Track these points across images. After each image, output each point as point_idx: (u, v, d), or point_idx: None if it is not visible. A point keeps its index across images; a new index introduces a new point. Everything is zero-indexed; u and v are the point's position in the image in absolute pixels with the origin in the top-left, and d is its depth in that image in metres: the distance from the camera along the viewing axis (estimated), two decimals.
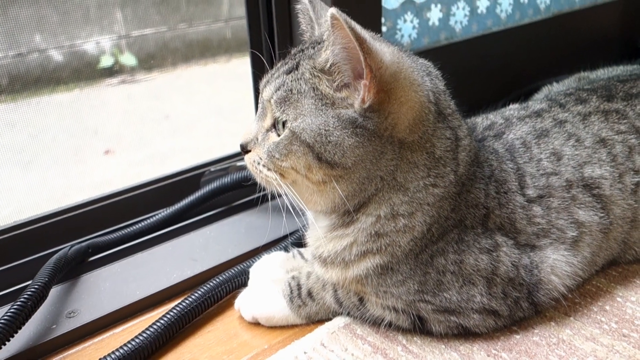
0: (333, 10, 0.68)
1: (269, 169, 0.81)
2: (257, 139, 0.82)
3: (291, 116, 0.76)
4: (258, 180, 0.84)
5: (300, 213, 0.86)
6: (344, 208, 0.81)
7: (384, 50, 0.73)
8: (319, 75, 0.76)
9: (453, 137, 0.82)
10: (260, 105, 0.83)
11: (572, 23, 1.80)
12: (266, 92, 0.80)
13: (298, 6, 0.88)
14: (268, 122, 0.81)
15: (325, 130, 0.75)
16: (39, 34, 1.24)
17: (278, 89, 0.78)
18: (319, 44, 0.79)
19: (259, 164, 0.82)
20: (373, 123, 0.75)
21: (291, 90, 0.77)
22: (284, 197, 0.83)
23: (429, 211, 0.80)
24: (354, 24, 0.69)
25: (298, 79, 0.77)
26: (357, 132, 0.75)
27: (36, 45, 1.25)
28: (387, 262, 0.82)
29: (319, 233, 0.86)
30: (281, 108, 0.77)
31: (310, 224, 0.91)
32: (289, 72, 0.79)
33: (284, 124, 0.78)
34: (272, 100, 0.78)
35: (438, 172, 0.80)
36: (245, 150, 0.84)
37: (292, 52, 0.84)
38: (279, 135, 0.79)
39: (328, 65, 0.74)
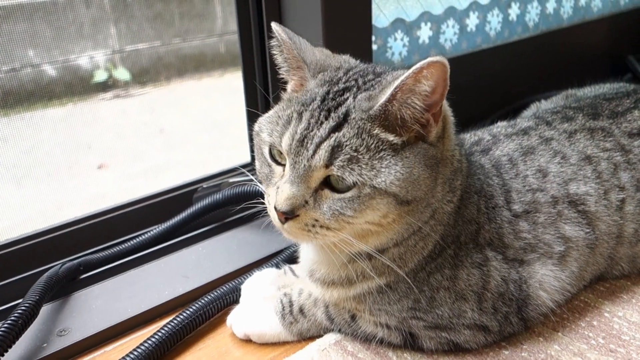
0: (441, 57, 0.67)
1: (328, 228, 0.74)
2: (307, 202, 0.73)
3: (368, 175, 0.71)
4: (303, 241, 0.80)
5: None
6: (406, 236, 0.80)
7: None
8: (380, 124, 0.72)
9: (460, 143, 0.86)
10: (295, 168, 0.73)
11: (560, 40, 1.83)
12: (316, 157, 0.72)
13: (273, 42, 0.82)
14: (315, 182, 0.73)
15: (407, 172, 0.72)
16: (33, 48, 1.25)
17: (336, 150, 0.71)
18: (372, 87, 0.76)
19: (314, 226, 0.74)
20: (439, 150, 0.77)
21: (357, 149, 0.71)
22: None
23: (440, 230, 0.82)
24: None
25: (359, 135, 0.72)
26: (427, 163, 0.75)
27: (30, 60, 1.25)
28: (390, 281, 0.83)
29: (332, 263, 0.84)
30: (352, 169, 0.71)
31: (316, 256, 0.89)
32: (336, 129, 0.72)
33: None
34: (335, 166, 0.71)
35: (453, 186, 0.82)
36: (290, 217, 0.74)
37: (319, 96, 0.76)
38: (339, 191, 0.73)
39: (395, 114, 0.72)
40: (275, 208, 0.74)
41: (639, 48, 2.05)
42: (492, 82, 1.66)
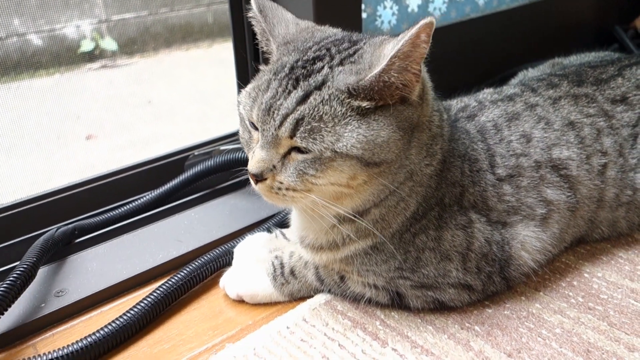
0: (432, 18, 0.67)
1: (294, 190, 0.76)
2: (274, 167, 0.76)
3: (330, 140, 0.72)
4: (277, 204, 0.81)
5: None
6: (382, 197, 0.81)
7: None
8: (360, 93, 0.73)
9: (440, 109, 0.86)
10: (264, 135, 0.76)
11: (549, 10, 1.84)
12: (282, 131, 0.74)
13: (250, 14, 0.84)
14: (284, 149, 0.75)
15: (372, 135, 0.73)
16: (18, 17, 1.24)
17: (299, 123, 0.73)
18: (350, 55, 0.76)
19: (280, 189, 0.77)
20: (417, 113, 0.78)
21: (321, 117, 0.72)
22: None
23: (420, 191, 0.83)
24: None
25: (327, 101, 0.73)
26: (400, 126, 0.75)
27: (15, 29, 1.24)
28: (375, 242, 0.85)
29: (319, 228, 0.86)
30: (314, 139, 0.72)
31: (302, 223, 0.91)
32: (305, 98, 0.73)
33: None
34: (298, 137, 0.73)
35: (432, 150, 0.83)
36: (260, 179, 0.77)
37: (294, 66, 0.77)
38: (308, 152, 0.74)
39: (377, 83, 0.72)
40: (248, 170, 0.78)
41: (625, 18, 2.07)
42: (480, 51, 1.67)
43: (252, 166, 0.76)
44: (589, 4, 1.99)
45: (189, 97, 1.99)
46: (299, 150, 0.75)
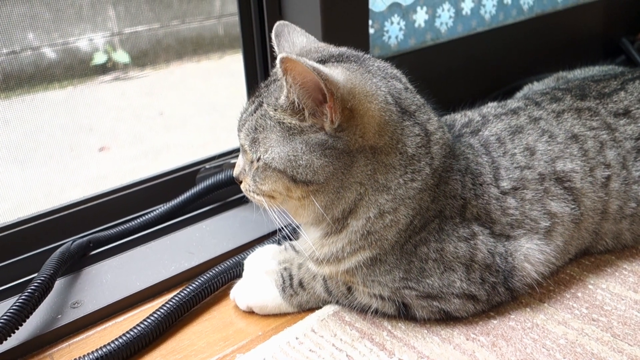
0: (283, 54, 0.72)
1: (257, 194, 0.88)
2: (245, 170, 0.89)
3: (262, 150, 0.83)
4: (258, 204, 0.91)
5: None
6: (330, 216, 0.85)
7: (336, 72, 0.78)
8: (283, 112, 0.80)
9: (423, 132, 0.86)
10: (239, 142, 0.89)
11: (555, 23, 1.85)
12: (241, 137, 0.87)
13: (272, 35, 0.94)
14: (249, 156, 0.87)
15: (293, 156, 0.80)
16: (32, 31, 1.26)
17: (248, 135, 0.85)
18: (278, 80, 0.84)
19: (248, 191, 0.89)
20: (343, 141, 0.80)
21: (256, 129, 0.83)
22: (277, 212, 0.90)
23: (410, 204, 0.85)
24: (304, 59, 0.73)
25: (263, 116, 0.83)
26: (326, 153, 0.80)
27: (29, 42, 1.26)
28: (375, 254, 0.87)
29: (313, 241, 0.90)
30: (253, 149, 0.84)
31: (302, 236, 0.95)
32: (254, 111, 0.85)
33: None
34: (246, 146, 0.85)
35: (414, 168, 0.84)
36: (239, 181, 0.92)
37: (260, 86, 0.89)
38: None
39: (289, 102, 0.79)
40: None
41: (632, 30, 2.07)
42: (487, 64, 1.69)
43: (234, 170, 0.93)
44: (596, 16, 1.99)
45: (200, 108, 2.00)
46: (257, 161, 0.85)
